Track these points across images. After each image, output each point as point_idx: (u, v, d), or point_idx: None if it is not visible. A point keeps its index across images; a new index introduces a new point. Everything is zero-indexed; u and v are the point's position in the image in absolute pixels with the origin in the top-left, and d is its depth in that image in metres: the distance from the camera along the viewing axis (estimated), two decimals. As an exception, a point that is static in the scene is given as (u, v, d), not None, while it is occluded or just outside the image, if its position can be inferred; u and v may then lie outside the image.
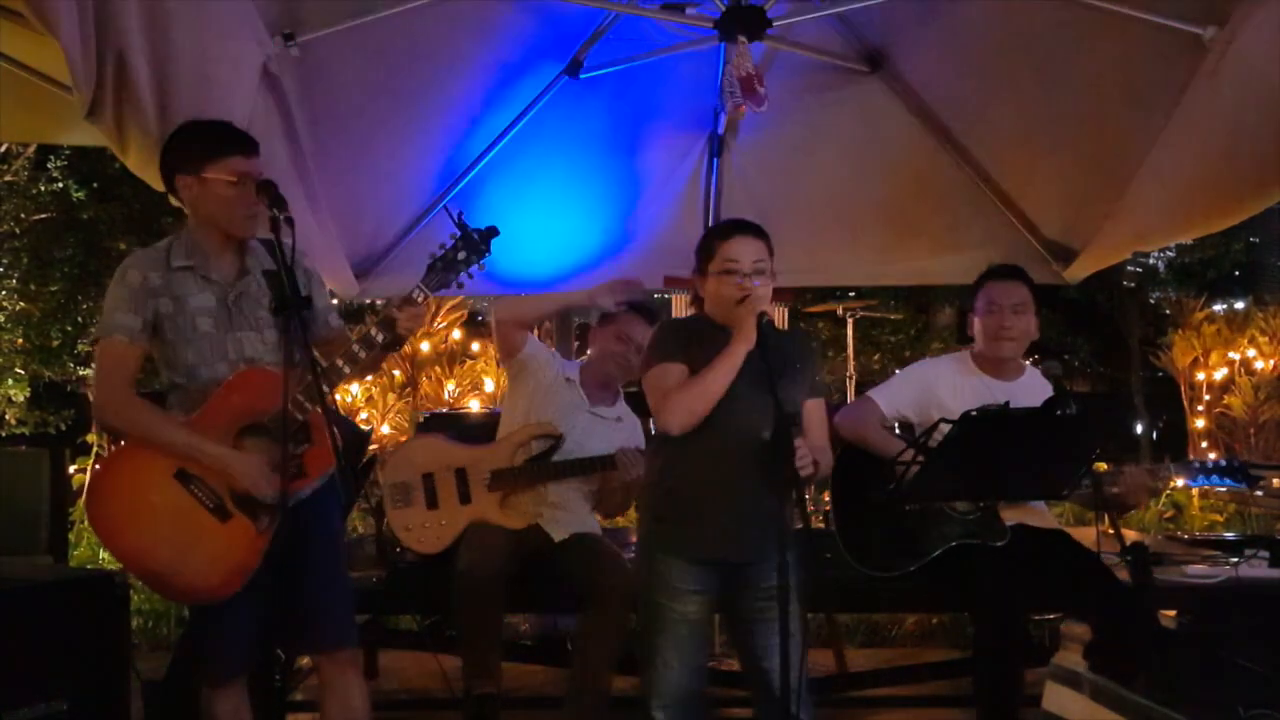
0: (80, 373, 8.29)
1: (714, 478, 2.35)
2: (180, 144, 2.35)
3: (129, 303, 2.31)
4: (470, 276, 2.50)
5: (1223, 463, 3.09)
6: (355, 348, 2.35)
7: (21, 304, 7.75)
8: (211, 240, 2.37)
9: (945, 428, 2.66)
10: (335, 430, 2.19)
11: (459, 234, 2.45)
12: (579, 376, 3.28)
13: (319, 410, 2.24)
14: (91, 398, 2.44)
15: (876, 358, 11.09)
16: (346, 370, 2.37)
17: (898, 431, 3.10)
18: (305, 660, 3.55)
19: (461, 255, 2.45)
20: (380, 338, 2.35)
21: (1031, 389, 2.98)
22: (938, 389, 3.02)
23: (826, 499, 5.71)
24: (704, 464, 2.35)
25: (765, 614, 2.27)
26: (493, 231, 2.50)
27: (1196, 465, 3.15)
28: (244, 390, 2.30)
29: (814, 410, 2.49)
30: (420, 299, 2.39)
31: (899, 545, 2.94)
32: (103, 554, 5.11)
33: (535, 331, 3.44)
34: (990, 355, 3.05)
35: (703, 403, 2.30)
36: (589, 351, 3.35)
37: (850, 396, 5.86)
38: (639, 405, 3.44)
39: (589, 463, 3.14)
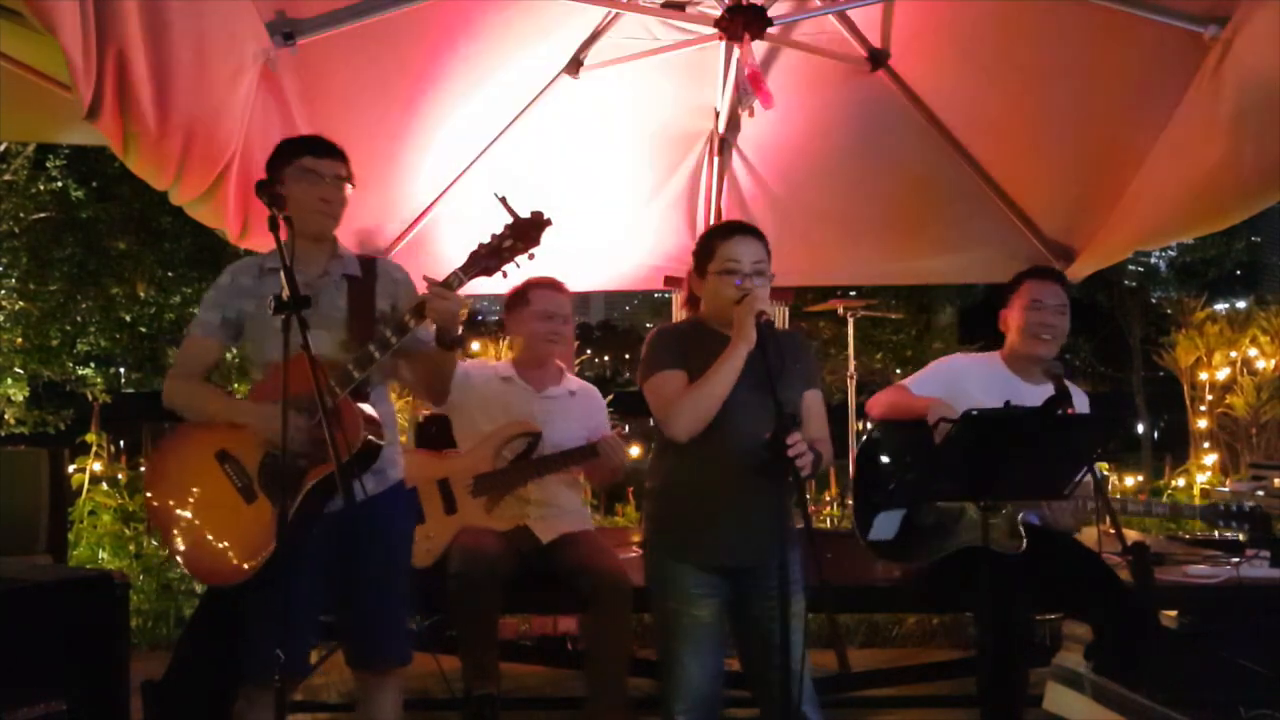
0: (79, 372, 8.29)
1: (718, 481, 2.35)
2: (270, 160, 2.48)
3: (212, 300, 2.48)
4: (518, 266, 2.33)
5: (1244, 507, 3.00)
6: (386, 331, 2.30)
7: (21, 303, 7.76)
8: (301, 244, 2.41)
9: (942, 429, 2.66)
10: (336, 430, 2.15)
11: (509, 221, 2.31)
12: (514, 370, 3.27)
13: (347, 396, 2.28)
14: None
15: (878, 357, 11.11)
16: (377, 355, 2.30)
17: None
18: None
19: (508, 244, 2.30)
20: (412, 323, 2.29)
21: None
22: (966, 383, 2.99)
23: (828, 498, 5.74)
24: (708, 468, 2.36)
25: (773, 615, 2.27)
26: (544, 220, 2.32)
27: (1219, 510, 3.01)
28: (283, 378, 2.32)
29: (812, 402, 2.48)
30: (456, 285, 2.29)
31: (916, 539, 2.93)
32: (102, 554, 5.11)
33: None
34: (1027, 354, 3.03)
35: (708, 406, 2.30)
36: (514, 341, 3.35)
37: (851, 396, 5.86)
38: (632, 405, 3.45)
39: (570, 455, 3.14)
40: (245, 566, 2.30)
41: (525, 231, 2.31)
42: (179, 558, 2.46)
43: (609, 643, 2.91)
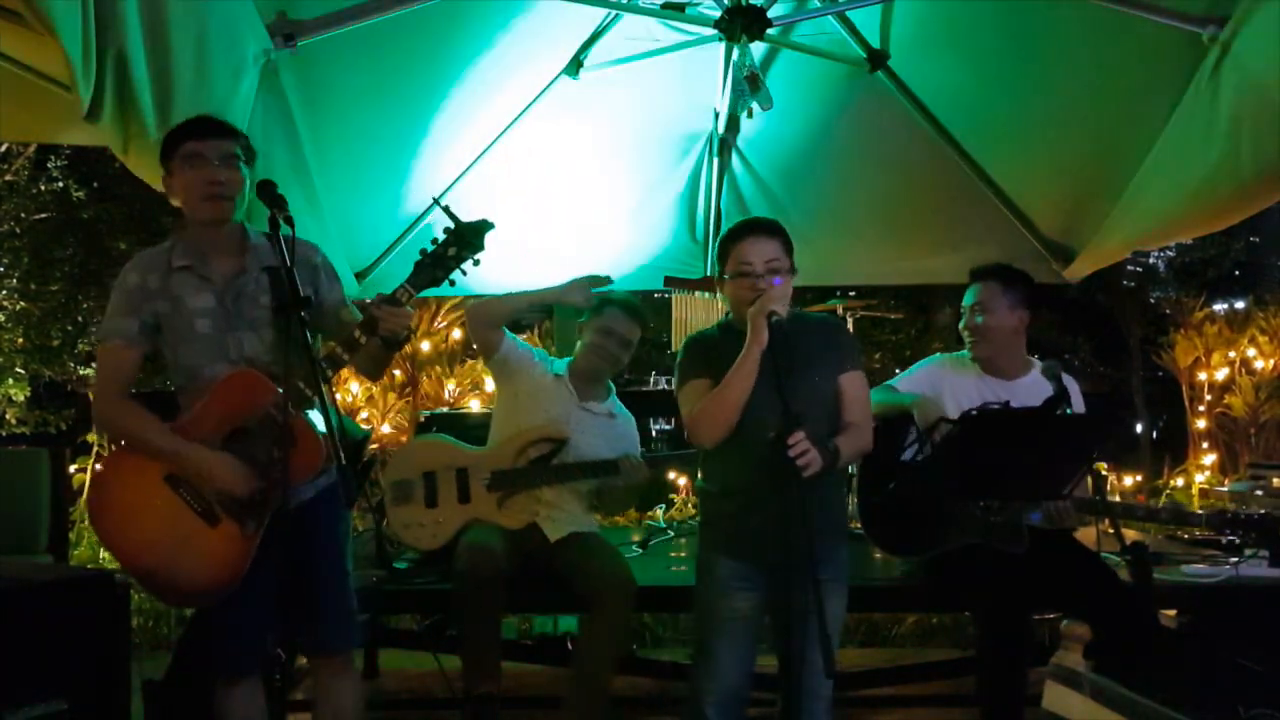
0: (80, 372, 8.29)
1: (741, 480, 2.38)
2: (160, 158, 2.37)
3: (125, 306, 2.33)
4: (464, 273, 2.36)
5: (1254, 515, 2.97)
6: (338, 350, 2.29)
7: (22, 304, 7.75)
8: (206, 238, 2.36)
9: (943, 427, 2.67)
10: (332, 431, 2.13)
11: (450, 228, 2.34)
12: (566, 373, 3.29)
13: (302, 415, 2.22)
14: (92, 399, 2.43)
15: (877, 357, 11.09)
16: (330, 372, 2.28)
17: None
18: (305, 660, 3.56)
19: (452, 251, 2.32)
20: (363, 339, 2.28)
21: (1034, 389, 2.98)
22: (941, 388, 3.05)
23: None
24: (731, 467, 2.40)
25: (808, 611, 2.26)
26: (486, 225, 2.35)
27: (1225, 517, 2.98)
28: (229, 393, 2.29)
29: (850, 384, 2.46)
30: (405, 298, 2.30)
31: (918, 531, 2.94)
32: (103, 554, 5.12)
33: (535, 331, 3.43)
34: (973, 357, 3.10)
35: (725, 412, 2.32)
36: (576, 348, 3.36)
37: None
38: (636, 405, 3.46)
39: (591, 467, 3.14)
40: (224, 586, 2.27)
41: (467, 238, 2.32)
42: (145, 586, 2.39)
43: (599, 641, 2.91)
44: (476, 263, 2.36)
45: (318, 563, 2.37)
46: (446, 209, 2.38)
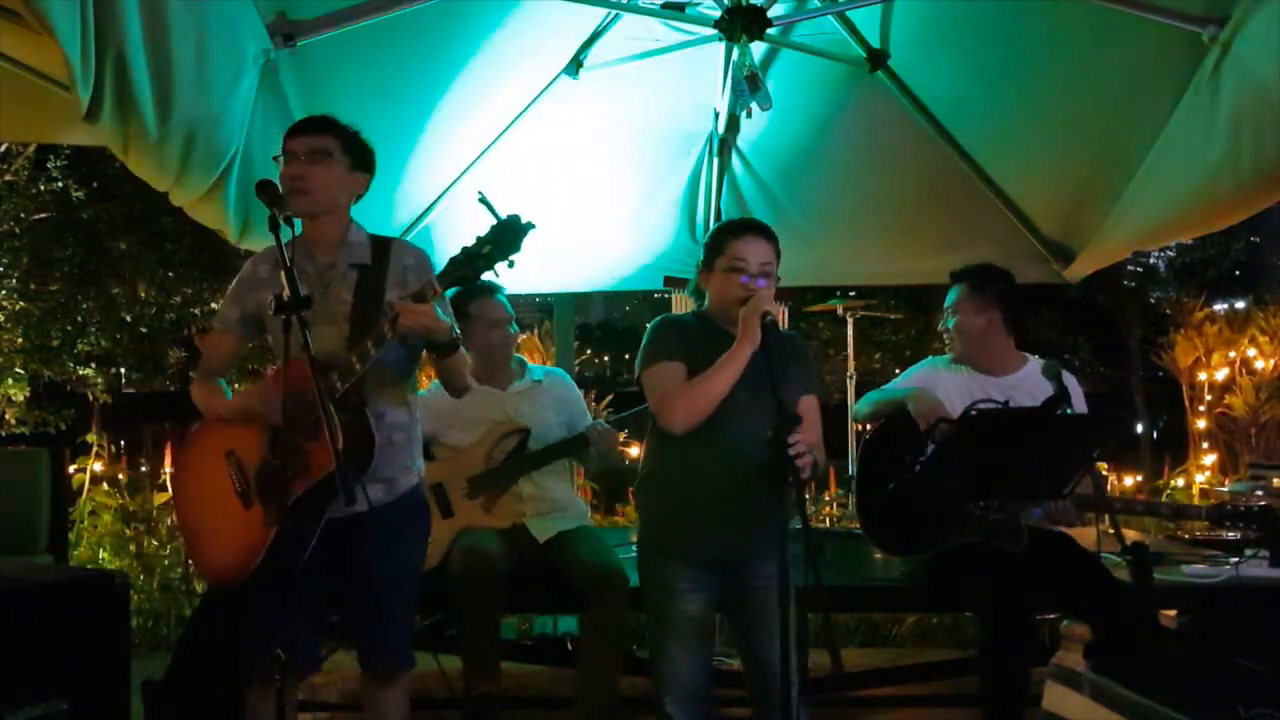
0: (80, 372, 8.30)
1: (712, 478, 2.36)
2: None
3: (234, 294, 2.48)
4: (496, 275, 2.23)
5: (1254, 508, 3.00)
6: (367, 344, 2.25)
7: (21, 304, 7.76)
8: (311, 232, 2.41)
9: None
10: (337, 430, 2.11)
11: (495, 223, 2.20)
12: (473, 381, 3.25)
13: (332, 409, 2.19)
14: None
15: (877, 357, 11.11)
16: (359, 367, 2.24)
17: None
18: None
19: (487, 250, 2.19)
20: (390, 336, 2.23)
21: (1026, 384, 3.00)
22: (935, 388, 3.05)
23: (827, 498, 5.75)
24: (700, 463, 2.37)
25: (763, 610, 2.29)
26: (525, 225, 2.20)
27: (1225, 510, 3.04)
28: (281, 381, 2.32)
29: (809, 407, 2.50)
30: (429, 295, 2.22)
31: (916, 531, 2.95)
32: (103, 554, 5.12)
33: (535, 332, 3.43)
34: (952, 358, 3.17)
35: (706, 402, 2.31)
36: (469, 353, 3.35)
37: (851, 397, 5.87)
38: (635, 404, 3.46)
39: (563, 447, 3.14)
40: (240, 571, 2.30)
41: (504, 237, 2.19)
42: (190, 555, 2.49)
43: (602, 641, 2.91)
44: (511, 264, 2.22)
45: (373, 578, 2.40)
46: (484, 200, 2.28)
